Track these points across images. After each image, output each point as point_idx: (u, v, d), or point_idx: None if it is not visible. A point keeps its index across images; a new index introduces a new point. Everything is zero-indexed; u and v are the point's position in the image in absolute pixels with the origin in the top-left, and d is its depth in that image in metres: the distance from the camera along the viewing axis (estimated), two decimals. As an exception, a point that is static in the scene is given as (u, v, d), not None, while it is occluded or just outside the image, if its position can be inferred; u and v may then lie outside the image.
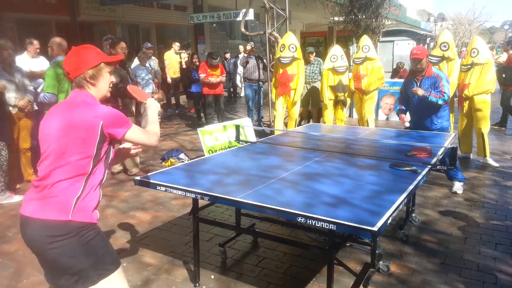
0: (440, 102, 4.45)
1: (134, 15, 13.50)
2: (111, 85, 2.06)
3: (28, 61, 5.86)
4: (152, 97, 2.38)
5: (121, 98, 5.22)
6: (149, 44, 10.05)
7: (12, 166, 4.96)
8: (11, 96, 4.82)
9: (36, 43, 5.97)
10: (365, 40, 6.89)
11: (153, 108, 2.27)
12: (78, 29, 10.27)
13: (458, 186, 4.81)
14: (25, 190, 5.04)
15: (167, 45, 10.82)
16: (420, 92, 4.47)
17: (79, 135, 1.81)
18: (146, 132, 2.07)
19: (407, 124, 4.83)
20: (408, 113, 4.89)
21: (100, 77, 1.97)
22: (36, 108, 5.51)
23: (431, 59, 5.70)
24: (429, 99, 4.44)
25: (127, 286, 1.99)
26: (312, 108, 8.33)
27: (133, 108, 5.59)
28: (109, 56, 2.06)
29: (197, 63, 9.11)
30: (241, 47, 10.98)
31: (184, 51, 11.39)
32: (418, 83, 4.59)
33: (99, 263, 1.85)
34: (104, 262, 1.87)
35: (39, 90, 5.24)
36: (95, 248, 1.85)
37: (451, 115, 5.62)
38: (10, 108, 4.85)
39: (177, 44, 10.67)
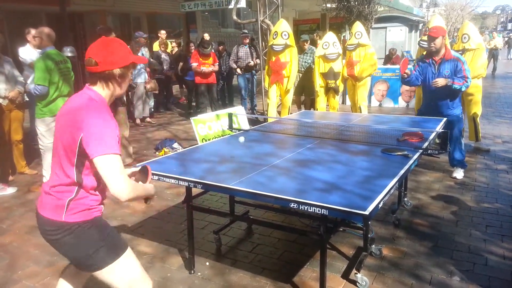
0: (463, 88, 4.34)
1: (124, 4, 13.33)
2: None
3: (31, 52, 5.75)
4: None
5: None
6: (141, 32, 9.92)
7: (4, 159, 4.93)
8: (1, 88, 4.76)
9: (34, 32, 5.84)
10: (358, 26, 6.86)
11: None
12: (68, 19, 10.12)
13: (460, 172, 4.85)
14: (18, 182, 5.05)
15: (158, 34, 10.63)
16: (443, 82, 4.28)
17: (67, 140, 1.74)
18: (126, 178, 1.70)
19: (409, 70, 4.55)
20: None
21: (127, 77, 1.88)
22: (27, 99, 5.46)
23: (422, 44, 5.70)
24: (453, 87, 4.29)
25: (132, 273, 1.92)
26: (305, 97, 8.32)
27: (124, 98, 5.55)
28: (136, 56, 2.04)
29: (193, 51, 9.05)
30: (206, 35, 10.54)
31: (173, 41, 11.22)
32: (436, 66, 4.45)
33: (95, 254, 1.82)
34: (100, 253, 1.83)
35: (28, 81, 5.18)
36: (89, 241, 1.82)
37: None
38: (0, 100, 4.80)
39: (163, 31, 10.44)
